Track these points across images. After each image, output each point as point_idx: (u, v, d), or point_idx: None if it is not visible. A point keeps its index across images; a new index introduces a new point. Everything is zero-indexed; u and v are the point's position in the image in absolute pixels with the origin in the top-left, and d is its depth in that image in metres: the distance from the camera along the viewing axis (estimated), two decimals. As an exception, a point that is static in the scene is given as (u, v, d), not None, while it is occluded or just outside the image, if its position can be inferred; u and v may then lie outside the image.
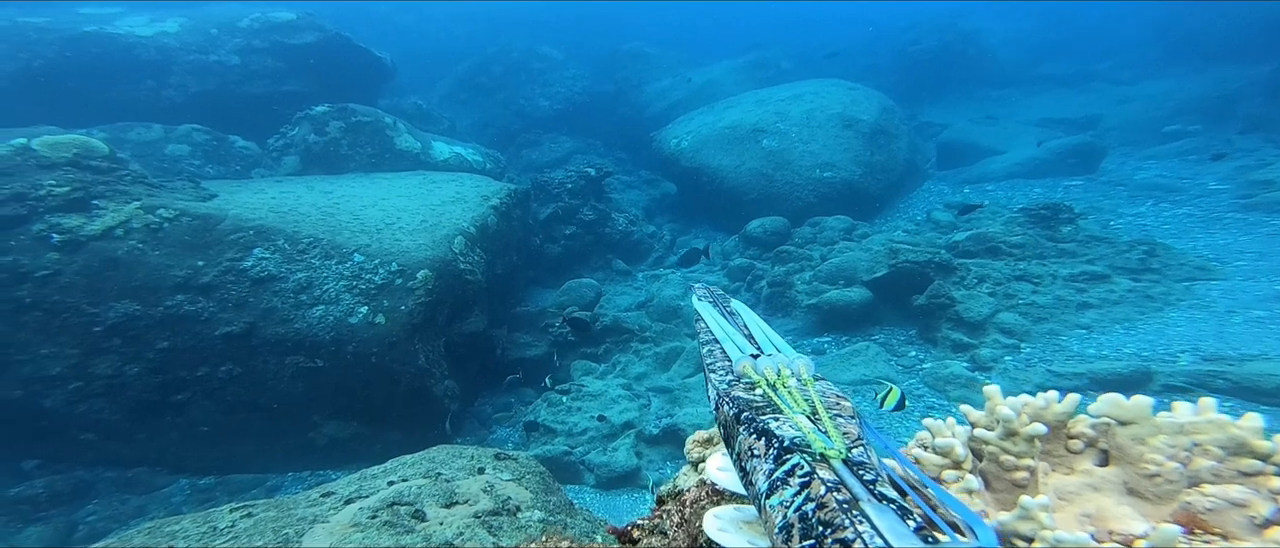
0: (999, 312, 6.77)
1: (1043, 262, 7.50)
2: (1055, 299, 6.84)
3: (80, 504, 5.27)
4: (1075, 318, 6.59)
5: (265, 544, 1.81)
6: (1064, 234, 8.00)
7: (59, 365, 5.24)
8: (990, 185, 11.27)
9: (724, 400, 1.04)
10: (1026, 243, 7.84)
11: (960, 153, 12.97)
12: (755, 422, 0.89)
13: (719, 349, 1.29)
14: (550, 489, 3.39)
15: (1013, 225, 8.37)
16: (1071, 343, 6.27)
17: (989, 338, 6.52)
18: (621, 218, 11.21)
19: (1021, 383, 5.83)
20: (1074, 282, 7.06)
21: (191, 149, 9.64)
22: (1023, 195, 10.43)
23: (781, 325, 7.96)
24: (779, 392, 0.98)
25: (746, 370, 1.09)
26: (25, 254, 5.33)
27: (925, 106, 16.60)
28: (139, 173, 6.42)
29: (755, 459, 0.83)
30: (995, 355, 6.31)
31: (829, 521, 0.63)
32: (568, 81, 17.90)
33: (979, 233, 8.17)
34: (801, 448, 0.78)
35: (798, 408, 0.91)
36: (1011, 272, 7.34)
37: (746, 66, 18.13)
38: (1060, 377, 5.73)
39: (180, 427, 5.50)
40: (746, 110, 12.38)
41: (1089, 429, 1.23)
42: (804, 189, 10.67)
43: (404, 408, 5.78)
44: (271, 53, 11.50)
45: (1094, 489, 1.17)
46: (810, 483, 0.70)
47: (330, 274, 5.84)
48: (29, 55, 10.07)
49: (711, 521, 0.98)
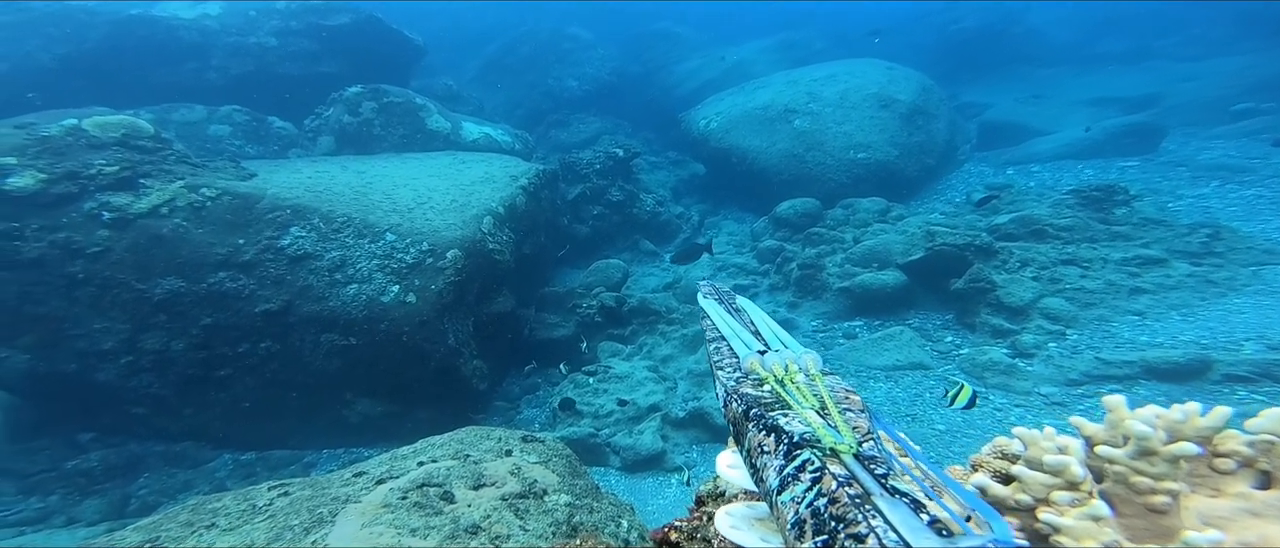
0: (1043, 297, 6.49)
1: (1093, 245, 7.15)
2: (1106, 284, 6.52)
3: (133, 478, 5.54)
4: (1128, 304, 6.27)
5: (301, 523, 1.84)
6: (1118, 217, 7.59)
7: (111, 340, 5.48)
8: (1036, 167, 10.75)
9: (732, 398, 1.03)
10: (1075, 226, 7.46)
11: (1004, 133, 12.41)
12: (764, 418, 0.89)
13: (726, 347, 1.28)
14: (576, 473, 3.39)
15: (1061, 208, 7.98)
16: (1122, 330, 5.98)
17: (1032, 324, 6.28)
18: (649, 199, 11.12)
19: (1066, 370, 5.61)
20: (1127, 266, 6.70)
21: (232, 129, 9.89)
22: (1071, 177, 9.93)
23: (811, 308, 7.82)
24: (787, 387, 0.98)
25: (754, 367, 1.08)
26: (78, 231, 5.56)
27: (967, 87, 15.92)
28: (183, 152, 6.61)
29: (765, 456, 0.83)
30: (1038, 342, 6.07)
31: (842, 516, 0.63)
32: (596, 62, 17.75)
33: (1023, 215, 7.83)
34: (811, 443, 0.78)
35: (806, 403, 0.90)
36: (1058, 255, 7.03)
37: (778, 46, 17.66)
38: (1109, 364, 5.47)
39: (223, 402, 5.72)
40: (778, 90, 12.08)
41: (1244, 447, 1.08)
42: (836, 170, 10.40)
43: (434, 387, 5.88)
44: (307, 34, 11.66)
45: (1254, 515, 1.02)
46: (821, 478, 0.70)
47: (363, 253, 5.93)
48: (80, 37, 10.44)
49: (723, 518, 0.97)
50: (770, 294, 8.46)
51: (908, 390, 5.99)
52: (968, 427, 5.30)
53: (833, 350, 6.95)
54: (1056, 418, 5.17)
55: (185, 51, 10.97)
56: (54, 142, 5.93)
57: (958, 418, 5.42)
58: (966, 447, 5.07)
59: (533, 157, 11.54)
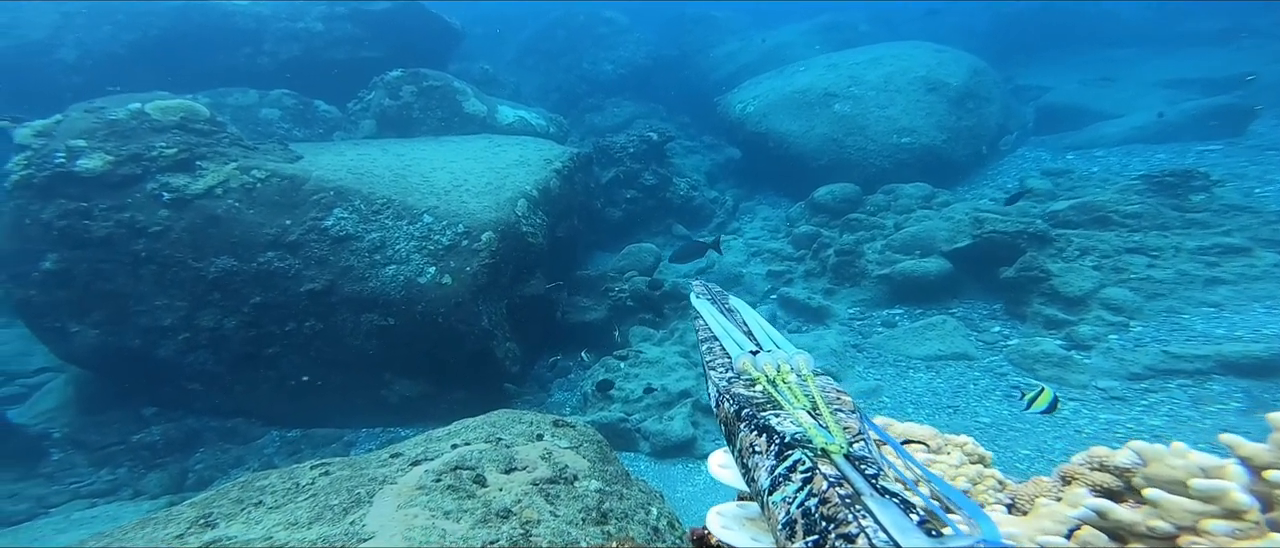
0: (1104, 287, 6.19)
1: (1164, 233, 6.75)
2: (1177, 274, 6.15)
3: (190, 452, 5.87)
4: (1202, 295, 5.91)
5: (340, 503, 1.91)
6: (1195, 203, 7.12)
7: (170, 317, 5.79)
8: (1100, 151, 10.13)
9: (724, 398, 1.03)
10: (1144, 212, 7.05)
11: (1065, 117, 11.73)
12: (756, 418, 0.89)
13: (718, 347, 1.28)
14: (607, 458, 3.41)
15: (1128, 193, 7.53)
16: (1195, 322, 5.64)
17: (1090, 315, 6.01)
18: (683, 183, 11.03)
19: (1128, 364, 5.36)
20: (1203, 255, 6.31)
21: (281, 113, 10.24)
22: (1141, 162, 9.34)
23: (848, 296, 7.65)
24: (779, 388, 0.97)
25: (746, 367, 1.08)
26: (141, 211, 5.86)
27: (1024, 69, 15.07)
28: (236, 135, 6.86)
29: (757, 456, 0.83)
30: (1097, 333, 5.80)
31: (832, 515, 0.63)
32: (632, 46, 17.62)
33: (1084, 202, 7.44)
34: (803, 444, 0.78)
35: (798, 404, 0.90)
36: (1123, 243, 6.69)
37: (820, 29, 17.13)
38: (1178, 358, 5.19)
39: (271, 380, 5.99)
40: (818, 74, 11.76)
41: None
42: (878, 155, 10.09)
43: (468, 368, 6.01)
44: (351, 19, 11.91)
45: None
46: (812, 478, 0.70)
47: (402, 234, 6.07)
48: (146, 25, 10.99)
49: (714, 518, 0.98)
50: (805, 280, 8.31)
51: (949, 382, 5.82)
52: (1015, 421, 5.11)
53: (870, 339, 6.79)
54: (1117, 413, 4.94)
55: (240, 37, 11.38)
56: (120, 125, 6.21)
57: (1004, 411, 5.25)
58: (1012, 442, 4.89)
59: (567, 140, 11.57)
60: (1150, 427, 4.75)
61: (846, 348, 6.66)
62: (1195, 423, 4.69)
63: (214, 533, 1.75)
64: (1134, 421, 4.86)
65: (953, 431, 2.90)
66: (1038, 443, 4.80)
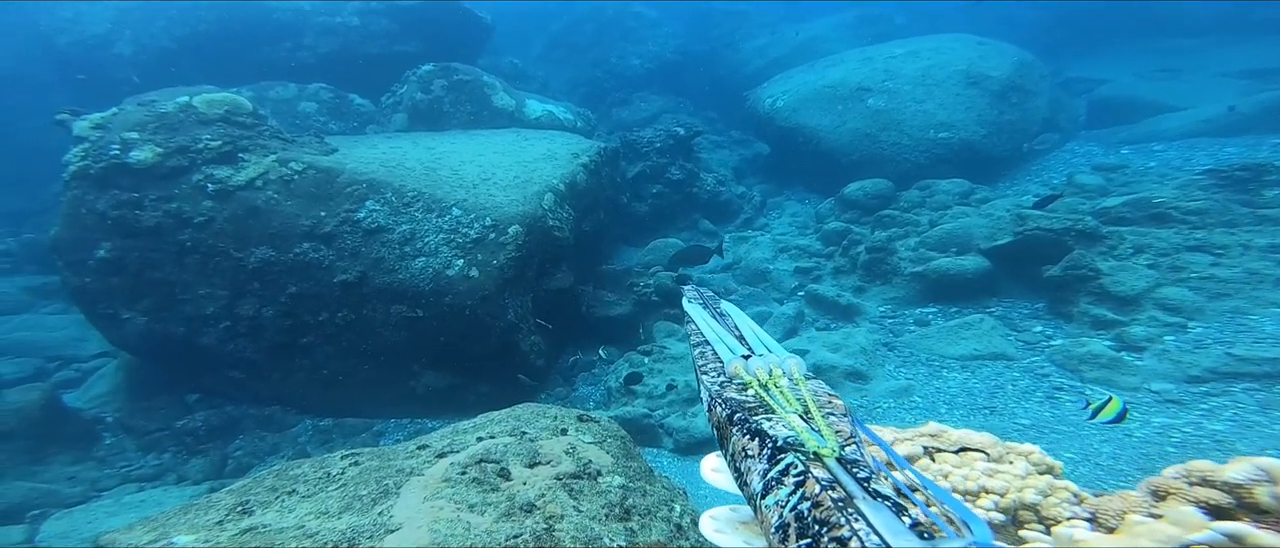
0: (1160, 286, 5.95)
1: (1232, 230, 6.43)
2: (1245, 273, 5.87)
3: (230, 439, 6.06)
4: (1273, 294, 5.62)
5: (369, 493, 1.95)
6: (1268, 199, 6.76)
7: (213, 305, 5.99)
8: (1158, 146, 9.66)
9: (716, 402, 1.04)
10: (1209, 209, 6.72)
11: (1121, 110, 11.22)
12: (748, 422, 0.90)
13: (710, 351, 1.28)
14: (630, 454, 3.41)
15: (1190, 189, 7.18)
16: (1264, 323, 5.37)
17: (1144, 315, 5.78)
18: (710, 178, 10.95)
19: (1186, 366, 5.12)
20: (1276, 253, 6.01)
21: (319, 106, 10.51)
22: (1206, 156, 8.89)
23: (879, 294, 7.50)
24: (771, 392, 0.98)
25: (738, 372, 1.08)
26: (186, 202, 6.08)
27: (1075, 61, 14.43)
28: (275, 128, 7.04)
29: (749, 460, 0.84)
30: (1152, 334, 5.57)
31: (825, 519, 0.63)
32: (660, 40, 17.54)
33: (1139, 198, 7.14)
34: (795, 447, 0.79)
35: (790, 407, 0.91)
36: (1183, 241, 6.40)
37: (854, 22, 16.74)
38: (1244, 361, 4.95)
39: (306, 369, 6.15)
40: (851, 68, 11.52)
41: None
42: (913, 151, 9.84)
43: (493, 361, 6.09)
44: (386, 14, 12.14)
45: None
46: (805, 482, 0.71)
47: (431, 227, 6.17)
48: (195, 20, 11.44)
49: (707, 522, 0.98)
50: (835, 277, 8.16)
51: (986, 382, 5.66)
52: (1056, 424, 4.95)
53: (902, 338, 6.65)
54: (1172, 417, 4.74)
55: (281, 32, 11.72)
56: (169, 117, 6.40)
57: (1045, 414, 5.09)
58: (1054, 445, 4.72)
59: (594, 134, 11.58)
60: (1211, 432, 4.53)
61: (877, 346, 6.52)
62: (1263, 429, 4.46)
63: (250, 521, 1.82)
64: (1192, 425, 4.64)
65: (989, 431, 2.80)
66: (1083, 447, 4.62)
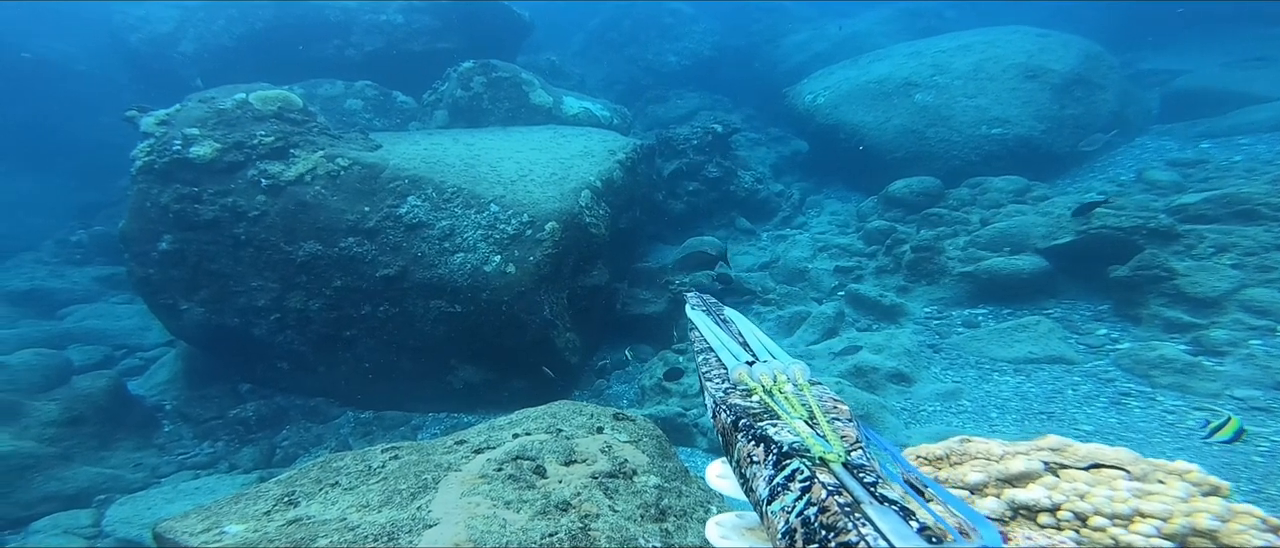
0: (1246, 287, 5.55)
1: None
2: None
3: (278, 429, 6.27)
4: None
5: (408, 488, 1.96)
6: None
7: (264, 298, 6.20)
8: (1245, 139, 8.98)
9: (721, 408, 1.04)
10: None
11: (1201, 103, 10.47)
12: (753, 428, 0.90)
13: (714, 357, 1.29)
14: (666, 454, 3.36)
15: None
16: None
17: (1226, 317, 5.41)
18: (747, 175, 10.77)
19: (1275, 373, 4.77)
20: None
21: (364, 104, 10.83)
22: None
23: (925, 294, 7.24)
24: (775, 397, 0.98)
25: (742, 378, 1.09)
26: (241, 196, 6.31)
27: (1149, 53, 13.56)
28: (323, 124, 7.23)
29: (755, 466, 0.84)
30: (1236, 338, 5.21)
31: (832, 524, 0.63)
32: (697, 36, 17.39)
33: (1223, 194, 6.66)
34: (800, 453, 0.78)
35: (795, 413, 0.91)
36: (1275, 239, 5.97)
37: (900, 16, 16.20)
38: None
39: (349, 362, 6.31)
40: (897, 63, 11.15)
41: None
42: (963, 148, 9.44)
43: (529, 357, 6.12)
44: (428, 11, 12.40)
45: None
46: (811, 487, 0.71)
47: (470, 223, 6.25)
48: (253, 18, 11.96)
49: (713, 528, 0.97)
50: (877, 277, 7.91)
51: (1043, 386, 5.40)
52: (1123, 431, 4.68)
53: (949, 339, 6.39)
54: (1259, 425, 4.42)
55: (330, 29, 12.11)
56: (227, 114, 6.61)
57: (1110, 420, 4.83)
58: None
59: (630, 131, 11.55)
60: (1303, 440, 4.20)
61: (921, 348, 6.28)
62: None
63: (296, 511, 1.85)
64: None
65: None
66: (1155, 456, 4.33)
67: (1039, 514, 1.17)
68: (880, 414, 5.32)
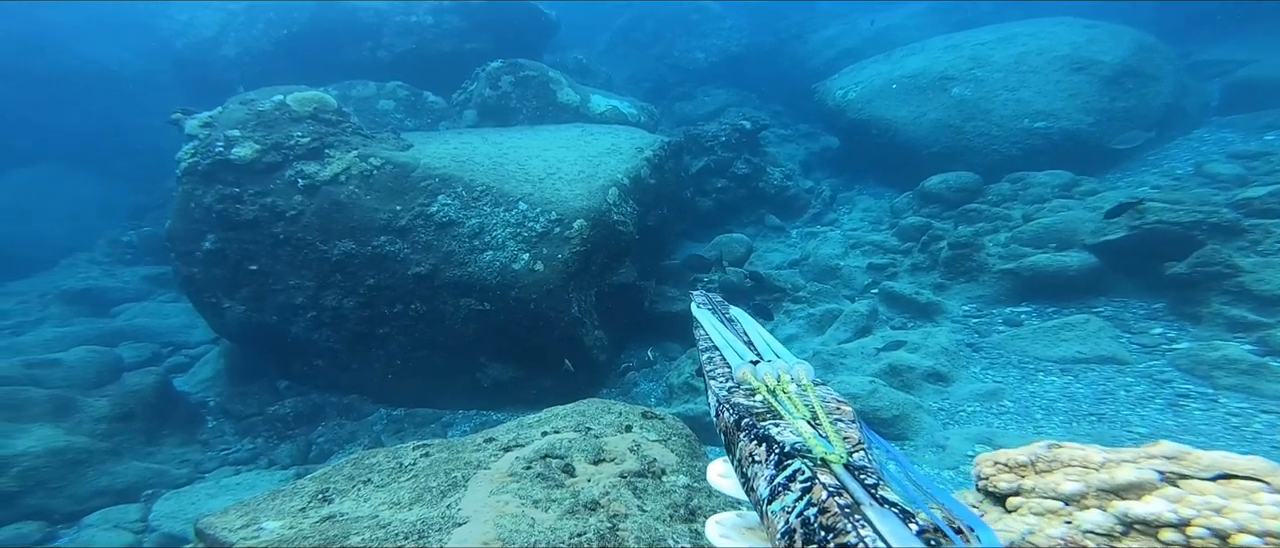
0: None
1: None
2: None
3: (314, 426, 6.40)
4: None
5: (438, 485, 1.96)
6: None
7: (301, 296, 6.33)
8: None
9: (724, 407, 1.05)
10: None
11: (1266, 93, 9.88)
12: (755, 428, 0.91)
13: (718, 356, 1.29)
14: (695, 453, 3.30)
15: None
16: None
17: None
18: (777, 172, 10.60)
19: None
20: None
21: (396, 104, 11.04)
22: None
23: (963, 291, 7.00)
24: (779, 397, 0.99)
25: (746, 377, 1.09)
26: (280, 196, 6.48)
27: (1208, 43, 12.85)
28: (357, 125, 7.37)
29: (756, 465, 0.85)
30: None
31: (831, 525, 0.64)
32: (725, 33, 17.22)
33: None
34: (802, 453, 0.79)
35: (798, 413, 0.92)
36: None
37: (933, 10, 15.72)
38: None
39: (382, 359, 6.41)
40: (933, 56, 10.84)
41: None
42: (1004, 142, 9.12)
43: (557, 355, 6.13)
44: (457, 12, 12.57)
45: None
46: (812, 488, 0.71)
47: (498, 221, 6.28)
48: (290, 21, 12.35)
49: (713, 527, 0.98)
50: (912, 274, 7.68)
51: (1091, 387, 5.16)
52: (1182, 433, 4.43)
53: (989, 338, 6.16)
54: None
55: (363, 32, 12.39)
56: (266, 115, 6.78)
57: (1166, 422, 4.61)
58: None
59: (657, 129, 11.50)
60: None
61: (960, 347, 6.06)
62: None
63: (330, 508, 1.87)
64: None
65: (1096, 440, 2.47)
66: None
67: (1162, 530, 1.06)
68: (916, 415, 5.15)
